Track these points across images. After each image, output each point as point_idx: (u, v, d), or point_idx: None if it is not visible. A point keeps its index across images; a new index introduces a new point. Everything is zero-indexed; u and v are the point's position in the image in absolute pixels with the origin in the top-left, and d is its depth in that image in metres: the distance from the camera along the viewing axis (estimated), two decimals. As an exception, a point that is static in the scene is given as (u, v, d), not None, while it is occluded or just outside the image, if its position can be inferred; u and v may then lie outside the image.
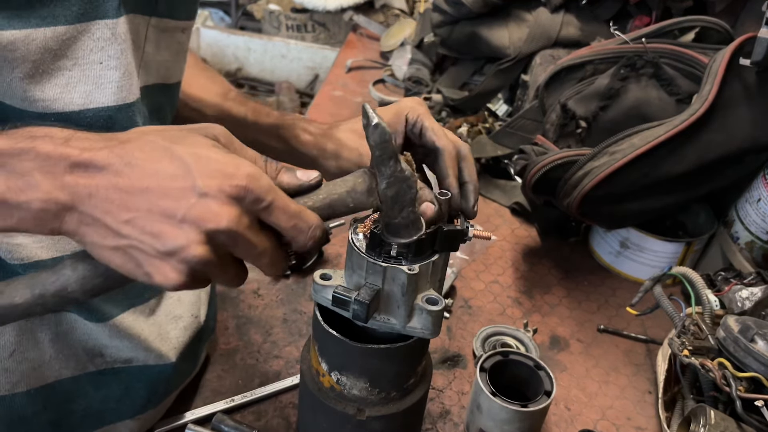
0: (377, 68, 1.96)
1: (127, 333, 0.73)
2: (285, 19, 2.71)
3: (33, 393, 0.70)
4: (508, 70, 1.60)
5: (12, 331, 0.67)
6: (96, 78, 0.62)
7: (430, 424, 0.88)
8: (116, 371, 0.75)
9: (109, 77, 0.62)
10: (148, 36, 0.69)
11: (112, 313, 0.71)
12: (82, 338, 0.72)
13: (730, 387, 0.76)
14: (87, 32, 0.60)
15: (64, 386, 0.72)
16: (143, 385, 0.77)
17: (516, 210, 1.35)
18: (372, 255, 0.63)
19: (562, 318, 1.09)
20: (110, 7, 0.61)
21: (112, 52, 0.62)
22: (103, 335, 0.72)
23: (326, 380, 0.70)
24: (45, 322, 0.69)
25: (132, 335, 0.73)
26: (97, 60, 0.61)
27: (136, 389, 0.77)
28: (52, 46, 0.58)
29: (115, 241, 0.49)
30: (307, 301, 1.06)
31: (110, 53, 0.62)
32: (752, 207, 1.06)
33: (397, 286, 0.63)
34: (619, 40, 1.20)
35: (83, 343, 0.72)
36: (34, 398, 0.70)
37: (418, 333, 0.65)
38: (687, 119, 1.00)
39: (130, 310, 0.73)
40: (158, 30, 0.71)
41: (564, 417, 0.92)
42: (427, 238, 0.63)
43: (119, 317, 0.72)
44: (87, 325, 0.71)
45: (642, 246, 1.15)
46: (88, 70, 0.61)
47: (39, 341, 0.69)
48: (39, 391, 0.70)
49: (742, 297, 0.95)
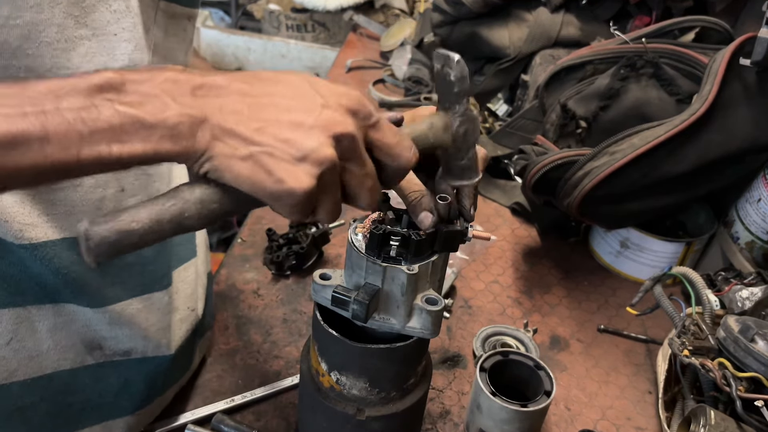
0: (377, 68, 1.96)
1: (127, 321, 0.73)
2: (285, 19, 2.71)
3: (30, 383, 0.70)
4: (508, 70, 1.60)
5: (9, 319, 0.67)
6: (111, 49, 0.64)
7: (430, 424, 0.88)
8: (115, 364, 0.75)
9: (123, 49, 0.65)
10: (156, 19, 0.72)
11: (113, 298, 0.72)
12: (81, 329, 0.72)
13: (730, 387, 0.76)
14: (105, 2, 0.63)
15: (62, 378, 0.72)
16: (142, 378, 0.77)
17: (516, 210, 1.35)
18: (371, 255, 0.63)
19: (562, 318, 1.09)
20: None
21: (126, 24, 0.65)
22: (103, 323, 0.72)
23: (326, 380, 0.70)
24: (43, 312, 0.69)
25: (131, 323, 0.74)
26: (113, 32, 0.64)
27: (135, 383, 0.77)
28: (74, 12, 0.61)
29: (248, 149, 0.49)
30: (307, 301, 1.06)
31: (124, 25, 0.65)
32: (752, 207, 1.06)
33: (397, 286, 0.63)
34: (619, 40, 1.20)
35: (82, 334, 0.72)
36: (31, 388, 0.70)
37: (418, 333, 0.65)
38: (687, 119, 1.00)
39: (131, 299, 0.74)
40: (166, 15, 0.73)
41: (564, 417, 0.92)
42: (426, 238, 0.63)
43: (121, 303, 0.72)
44: (86, 314, 0.71)
45: (642, 246, 1.15)
46: (105, 41, 0.64)
47: (37, 330, 0.69)
48: (36, 381, 0.70)
49: (742, 297, 0.95)
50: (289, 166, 0.50)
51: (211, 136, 0.50)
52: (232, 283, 1.08)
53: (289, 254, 1.10)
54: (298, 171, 0.50)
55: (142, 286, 0.75)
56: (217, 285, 1.07)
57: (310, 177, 0.50)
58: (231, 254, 1.15)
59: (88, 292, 0.70)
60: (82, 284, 0.69)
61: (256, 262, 1.13)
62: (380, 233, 0.62)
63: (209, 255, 0.97)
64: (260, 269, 1.12)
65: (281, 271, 1.11)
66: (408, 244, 0.62)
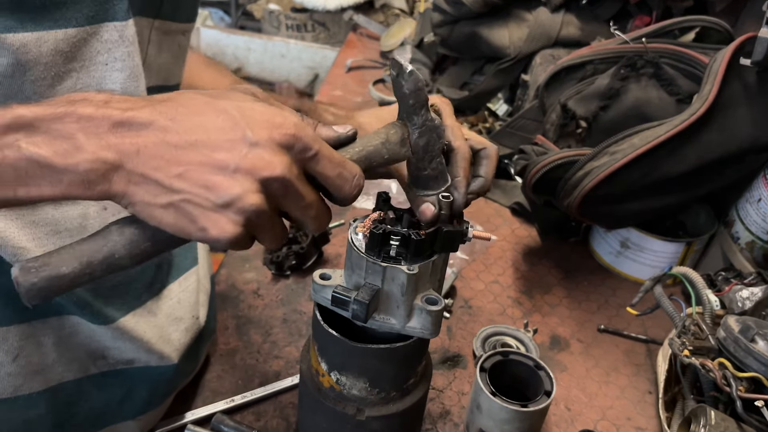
0: (377, 68, 1.96)
1: (130, 335, 0.73)
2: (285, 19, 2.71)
3: (35, 396, 0.69)
4: (508, 70, 1.60)
5: (15, 335, 0.66)
6: (100, 79, 0.62)
7: (430, 424, 0.88)
8: (118, 373, 0.75)
9: (113, 78, 0.62)
10: (151, 38, 0.69)
11: (114, 316, 0.71)
12: (85, 341, 0.71)
13: (731, 387, 0.76)
14: (96, 35, 0.60)
15: (67, 389, 0.72)
16: (145, 385, 0.77)
17: (516, 210, 1.35)
18: (371, 255, 0.63)
19: (562, 318, 1.09)
20: (119, 10, 0.61)
21: (118, 54, 0.62)
22: (106, 337, 0.72)
23: (326, 380, 0.70)
24: (48, 326, 0.68)
25: (134, 337, 0.73)
26: (103, 61, 0.61)
27: (138, 390, 0.77)
28: (63, 48, 0.58)
29: (168, 197, 0.47)
30: (307, 301, 1.06)
31: (116, 55, 0.62)
32: (753, 207, 1.06)
33: (397, 286, 0.63)
34: (620, 40, 1.20)
35: (86, 345, 0.72)
36: (37, 401, 0.70)
37: (418, 333, 0.65)
38: (687, 119, 1.00)
39: (131, 313, 0.73)
40: (161, 32, 0.71)
41: (564, 417, 0.91)
42: (426, 238, 0.63)
43: (122, 320, 0.72)
44: (90, 328, 0.70)
45: (642, 246, 1.15)
46: (94, 71, 0.61)
47: (42, 345, 0.69)
48: (42, 394, 0.70)
49: (742, 297, 0.95)
50: (212, 214, 0.48)
51: (127, 181, 0.47)
52: (232, 283, 1.08)
53: (289, 254, 1.10)
54: (221, 219, 0.48)
55: (140, 300, 0.75)
56: (217, 285, 1.07)
57: (234, 225, 0.48)
58: (231, 254, 1.15)
59: (88, 311, 0.69)
60: (84, 302, 0.68)
61: (256, 262, 1.13)
62: (380, 233, 0.62)
63: (211, 259, 0.97)
64: (260, 269, 1.12)
65: (281, 271, 1.11)
66: (408, 243, 0.62)
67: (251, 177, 0.48)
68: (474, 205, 1.35)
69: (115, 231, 0.50)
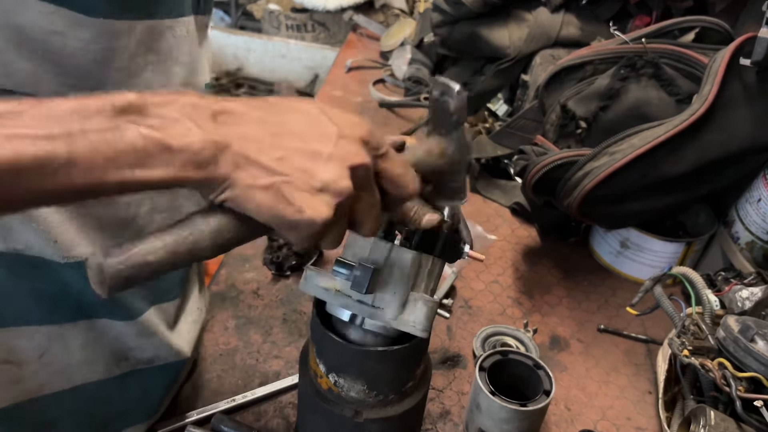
0: (377, 68, 1.96)
1: (151, 331, 0.74)
2: (285, 19, 2.71)
3: (58, 396, 0.70)
4: (508, 70, 1.60)
5: (43, 335, 0.67)
6: (169, 75, 0.65)
7: (430, 424, 0.88)
8: (138, 373, 0.76)
9: (176, 73, 0.66)
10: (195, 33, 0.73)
11: (141, 308, 0.72)
12: (112, 342, 0.72)
13: (730, 387, 0.76)
14: (171, 29, 0.64)
15: (90, 390, 0.73)
16: (161, 383, 0.79)
17: (516, 210, 1.34)
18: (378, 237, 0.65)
19: (562, 318, 1.09)
20: (187, 6, 0.65)
21: (184, 48, 0.66)
22: (131, 336, 0.73)
23: (324, 382, 0.70)
24: (77, 329, 0.69)
25: (156, 333, 0.75)
26: (174, 56, 0.65)
27: (155, 388, 0.78)
28: (146, 39, 0.61)
29: (269, 178, 0.49)
30: (307, 301, 1.06)
31: (183, 50, 0.65)
32: (752, 207, 1.06)
33: (398, 269, 0.63)
34: (619, 40, 1.20)
35: (112, 346, 0.72)
36: (60, 401, 0.70)
37: (409, 328, 0.63)
38: (687, 119, 1.00)
39: (153, 308, 0.74)
40: (200, 26, 0.73)
41: (564, 417, 0.91)
42: (430, 233, 0.64)
43: (146, 314, 0.73)
44: (117, 328, 0.71)
45: (642, 246, 1.15)
46: (163, 64, 0.64)
47: (69, 346, 0.69)
48: (64, 394, 0.70)
49: (742, 297, 0.95)
50: (309, 197, 0.50)
51: (233, 164, 0.49)
52: (232, 283, 1.08)
53: (289, 254, 1.10)
54: (317, 201, 0.50)
55: (162, 293, 0.76)
56: (217, 285, 1.07)
57: (328, 207, 0.50)
58: (231, 254, 1.15)
59: (121, 305, 0.70)
60: (117, 298, 0.69)
61: (255, 262, 1.13)
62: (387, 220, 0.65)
63: None
64: (260, 269, 1.12)
65: (281, 271, 1.11)
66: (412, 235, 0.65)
67: (342, 164, 0.51)
68: (474, 205, 1.36)
69: (201, 220, 0.50)
